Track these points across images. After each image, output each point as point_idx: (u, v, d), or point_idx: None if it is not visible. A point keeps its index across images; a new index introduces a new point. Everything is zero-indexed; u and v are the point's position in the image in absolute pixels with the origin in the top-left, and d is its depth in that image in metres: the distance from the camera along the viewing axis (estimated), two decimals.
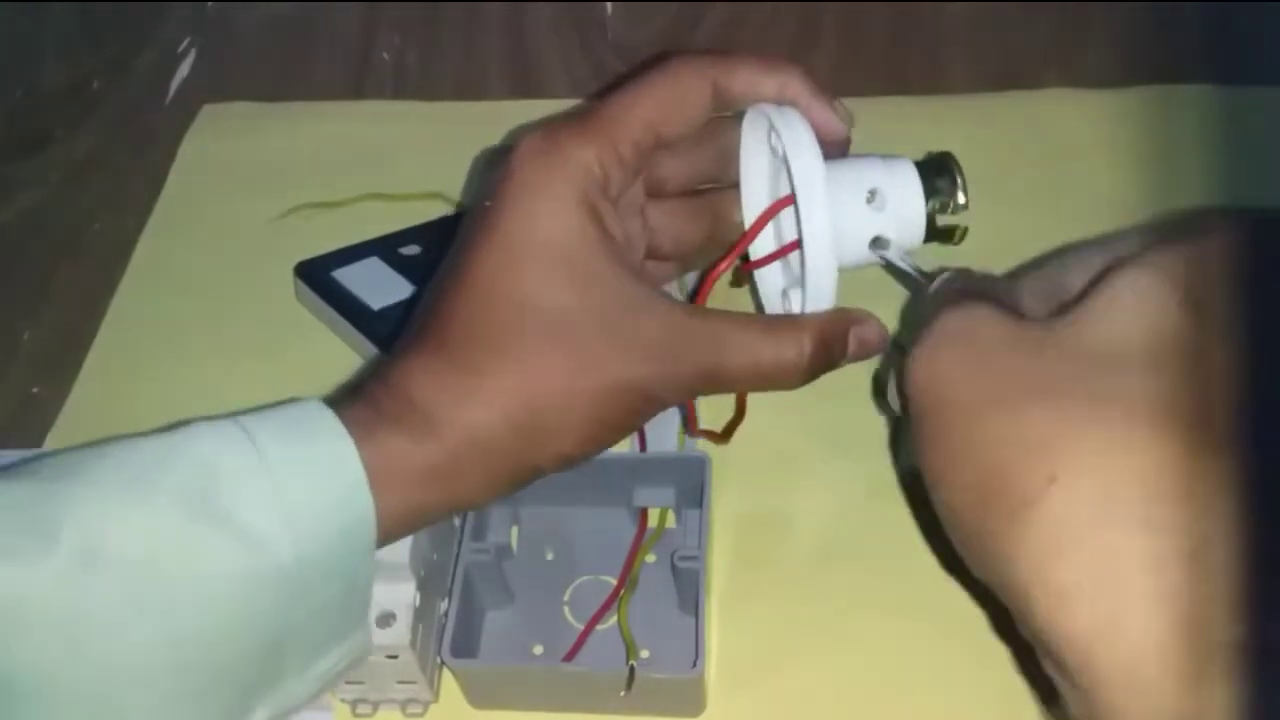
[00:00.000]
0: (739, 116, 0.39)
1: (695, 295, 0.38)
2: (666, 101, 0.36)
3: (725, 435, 0.41)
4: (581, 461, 0.35)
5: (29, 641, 0.28)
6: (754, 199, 0.40)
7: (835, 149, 0.38)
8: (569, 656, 0.40)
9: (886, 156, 0.39)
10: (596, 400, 0.33)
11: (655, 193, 0.39)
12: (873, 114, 0.59)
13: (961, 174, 0.39)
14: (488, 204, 0.34)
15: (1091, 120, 0.57)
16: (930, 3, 0.65)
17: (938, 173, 0.38)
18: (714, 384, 0.35)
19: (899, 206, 0.38)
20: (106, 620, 0.28)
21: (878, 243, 0.38)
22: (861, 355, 0.37)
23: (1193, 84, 0.58)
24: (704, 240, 0.40)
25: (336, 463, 0.31)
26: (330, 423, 0.31)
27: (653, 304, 0.34)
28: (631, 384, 0.33)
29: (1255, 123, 0.56)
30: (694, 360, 0.34)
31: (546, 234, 0.33)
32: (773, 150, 0.39)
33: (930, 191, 0.38)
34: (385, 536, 0.32)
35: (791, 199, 0.36)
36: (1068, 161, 0.55)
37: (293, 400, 0.32)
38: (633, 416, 0.35)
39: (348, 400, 0.33)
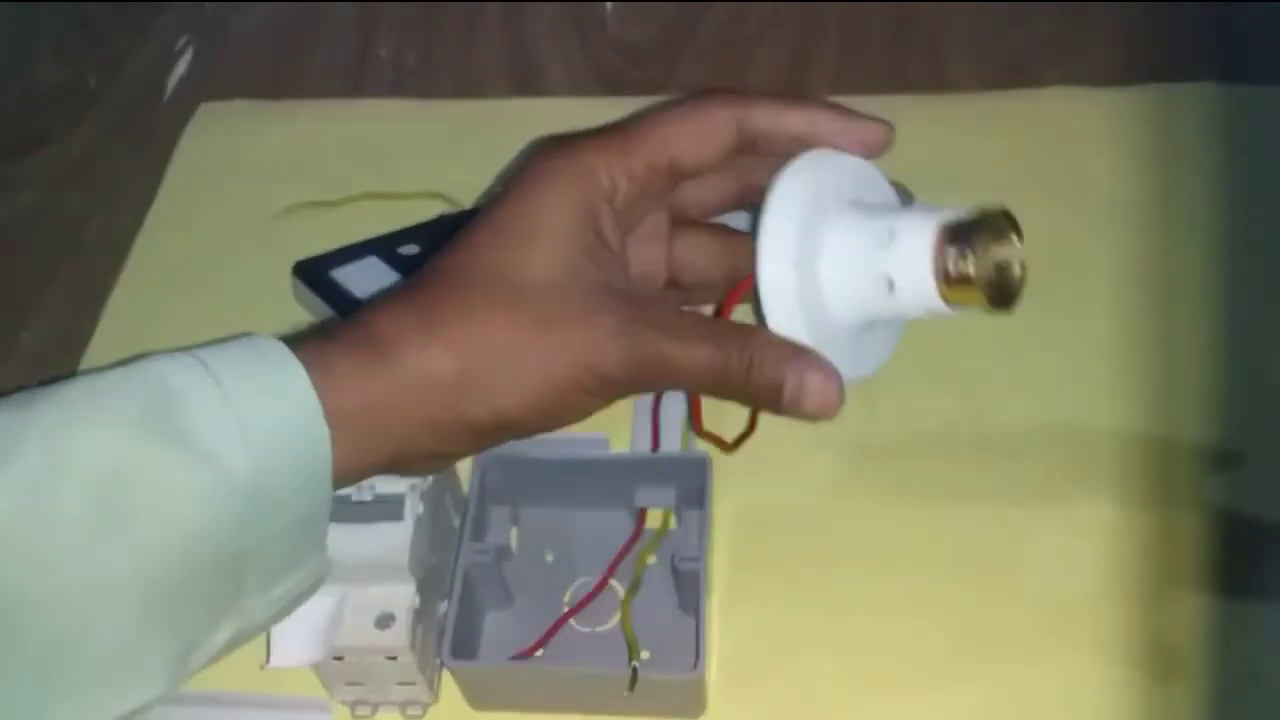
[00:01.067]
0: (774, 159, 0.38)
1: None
2: (688, 127, 0.37)
3: (733, 446, 0.41)
4: (522, 432, 0.36)
5: (11, 544, 0.28)
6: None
7: (879, 152, 0.38)
8: (533, 649, 0.40)
9: (932, 208, 0.36)
10: (545, 362, 0.34)
11: (676, 217, 0.40)
12: (873, 112, 0.59)
13: (1001, 233, 0.36)
14: (499, 190, 0.36)
15: (1092, 119, 0.57)
16: (930, 2, 0.65)
17: (973, 227, 0.35)
18: (663, 374, 0.36)
19: (907, 256, 0.35)
20: (71, 531, 0.29)
21: (891, 287, 0.36)
22: (802, 403, 0.36)
23: (1193, 83, 0.58)
24: (723, 280, 0.40)
25: (288, 384, 0.32)
26: (280, 351, 0.33)
27: (619, 293, 0.36)
28: (582, 356, 0.34)
29: (1255, 122, 0.56)
30: (646, 345, 0.35)
31: (537, 220, 0.35)
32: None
33: (957, 240, 0.35)
34: (338, 472, 0.33)
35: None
36: (1068, 160, 0.55)
37: (247, 334, 0.33)
38: (582, 393, 0.35)
39: (306, 334, 0.34)
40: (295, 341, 0.33)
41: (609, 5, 0.67)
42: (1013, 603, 0.42)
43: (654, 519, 0.43)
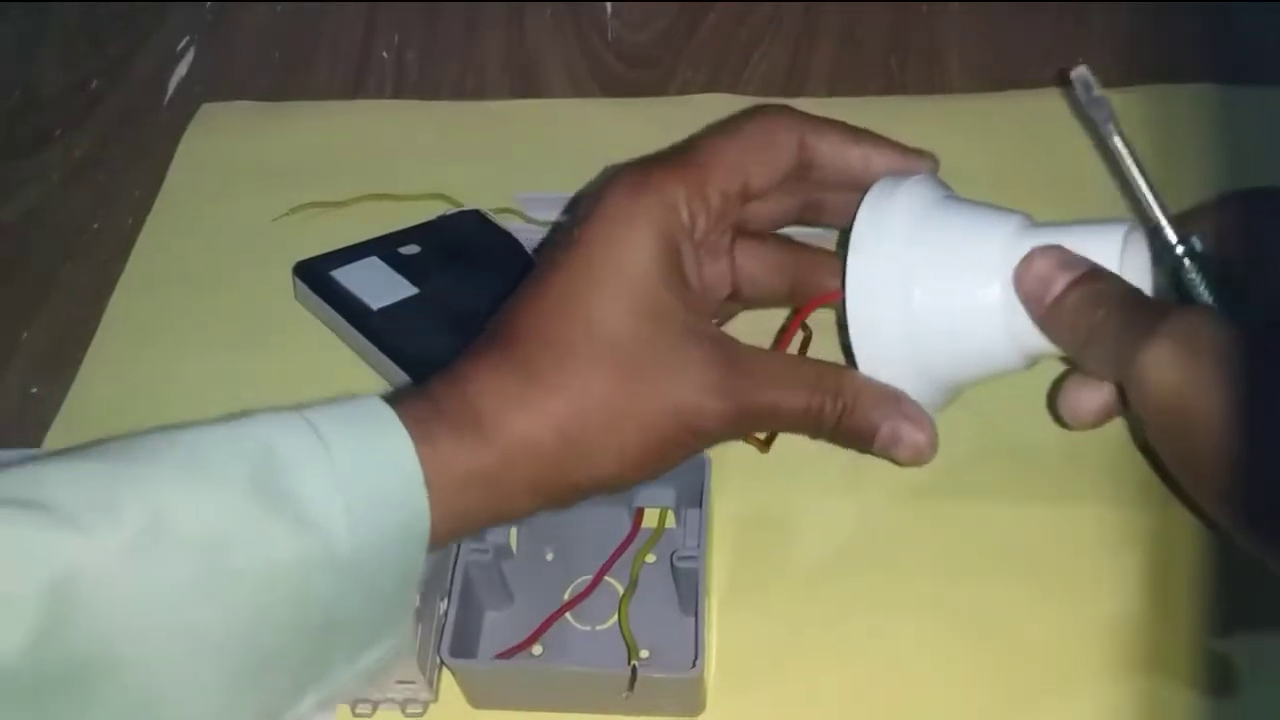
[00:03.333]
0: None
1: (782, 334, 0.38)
2: (757, 153, 0.37)
3: (767, 444, 0.42)
4: (621, 489, 0.36)
5: (90, 614, 0.27)
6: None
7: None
8: (530, 641, 0.40)
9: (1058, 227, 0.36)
10: (642, 426, 0.34)
11: (737, 229, 0.40)
12: (872, 114, 0.58)
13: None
14: (576, 230, 0.35)
15: (1091, 120, 0.57)
16: (930, 3, 0.65)
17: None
18: (760, 422, 0.37)
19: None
20: (167, 597, 0.28)
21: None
22: (893, 451, 0.38)
23: (1192, 84, 0.58)
24: (785, 290, 0.41)
25: (395, 457, 0.31)
26: (389, 418, 0.32)
27: (713, 343, 0.36)
28: (679, 414, 0.35)
29: (1254, 123, 0.56)
30: (744, 400, 0.35)
31: (622, 262, 0.35)
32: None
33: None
34: (434, 538, 0.33)
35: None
36: (1067, 161, 0.55)
37: (353, 396, 0.33)
38: (677, 448, 0.36)
39: (408, 397, 0.34)
40: (396, 403, 0.33)
41: (609, 7, 0.67)
42: (1013, 602, 0.42)
43: (652, 518, 0.43)
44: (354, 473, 0.31)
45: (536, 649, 0.41)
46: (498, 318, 0.36)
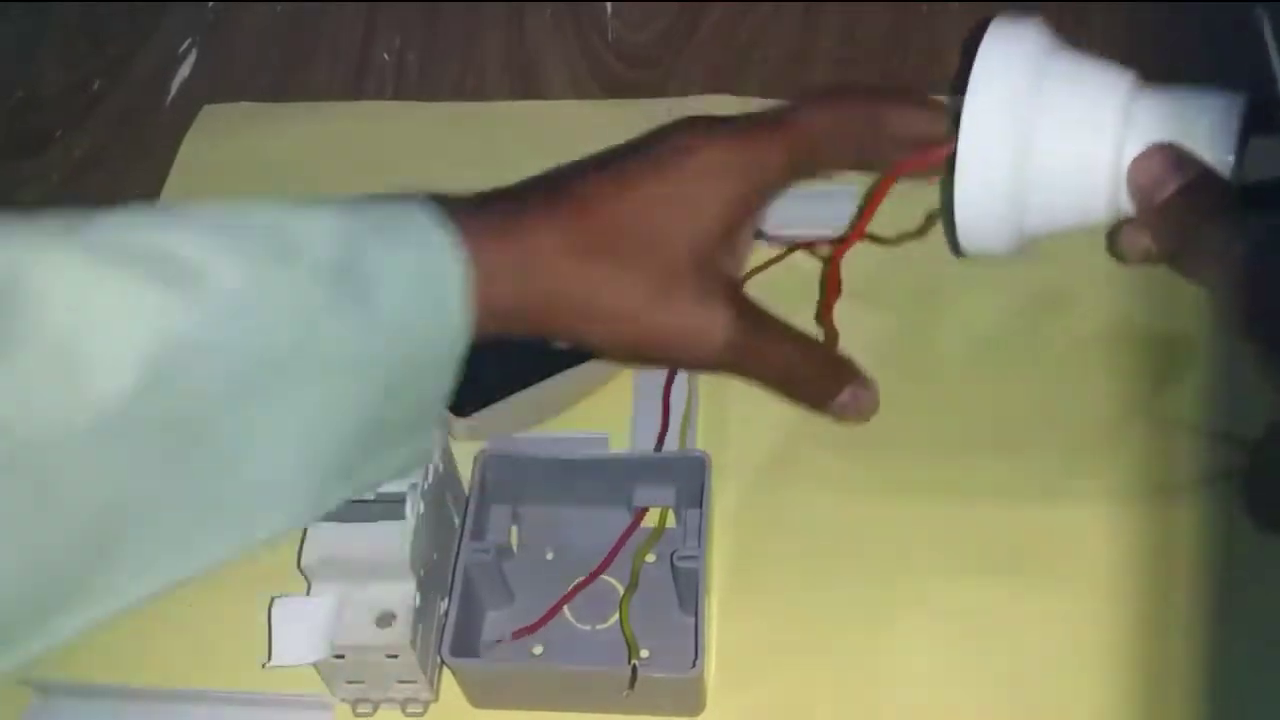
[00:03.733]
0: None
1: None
2: (832, 128, 0.39)
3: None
4: (592, 350, 0.37)
5: (187, 372, 0.28)
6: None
7: None
8: (528, 630, 0.41)
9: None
10: (655, 328, 0.36)
11: None
12: None
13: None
14: (674, 154, 0.37)
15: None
16: (930, 2, 0.65)
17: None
18: (743, 365, 0.38)
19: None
20: (255, 364, 0.29)
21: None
22: (847, 409, 0.39)
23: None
24: (850, 161, 0.41)
25: (450, 271, 0.33)
26: (442, 224, 0.33)
27: (733, 286, 0.38)
28: (691, 340, 0.37)
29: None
30: (744, 352, 0.38)
31: (704, 204, 0.37)
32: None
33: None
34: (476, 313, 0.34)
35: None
36: None
37: (408, 201, 0.34)
38: (669, 360, 0.39)
39: (470, 220, 0.34)
40: (456, 220, 0.34)
41: (609, 7, 0.67)
42: (1012, 601, 0.42)
43: (652, 518, 0.43)
44: (416, 284, 0.32)
45: (537, 648, 0.42)
46: (570, 185, 0.37)
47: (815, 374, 0.39)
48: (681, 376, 0.46)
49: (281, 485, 0.31)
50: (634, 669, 0.37)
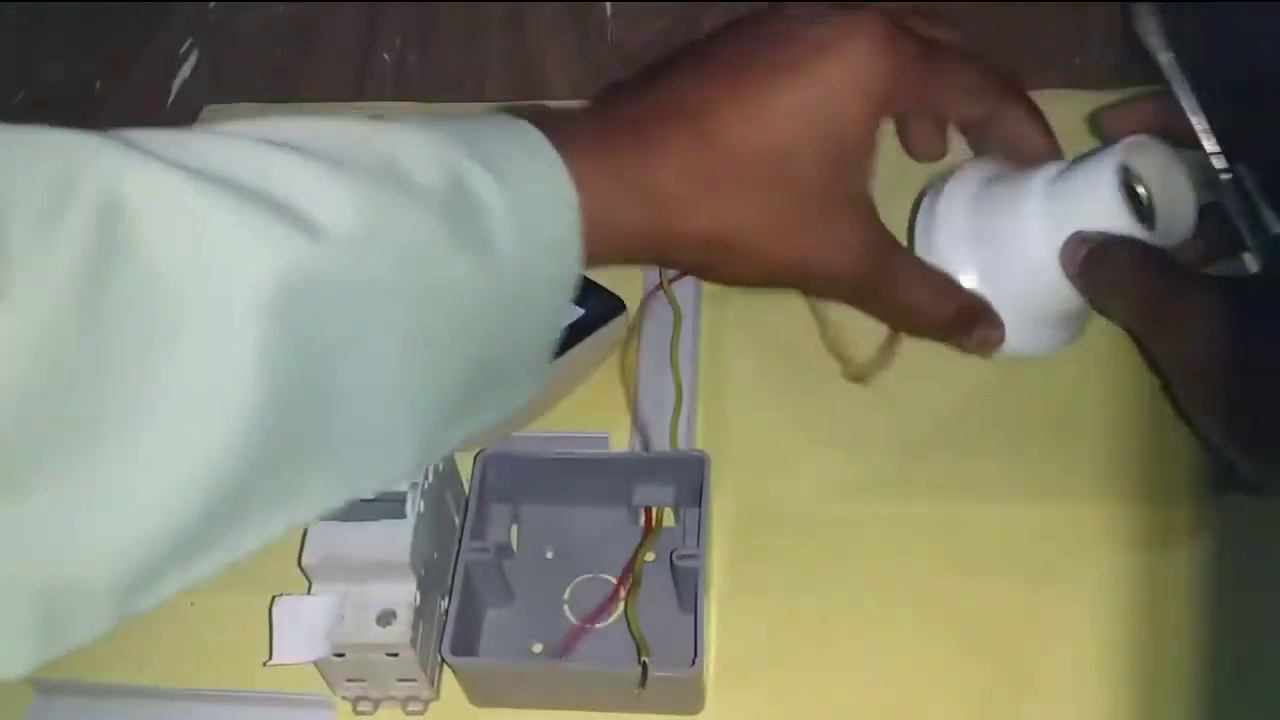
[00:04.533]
0: None
1: None
2: (971, 96, 0.39)
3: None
4: (717, 280, 0.36)
5: (306, 311, 0.26)
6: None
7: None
8: (565, 647, 0.41)
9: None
10: (790, 248, 0.35)
11: None
12: None
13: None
14: (819, 30, 0.34)
15: (1090, 121, 0.57)
16: (929, 3, 0.65)
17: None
18: (873, 299, 0.38)
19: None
20: (374, 302, 0.28)
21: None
22: (974, 347, 0.40)
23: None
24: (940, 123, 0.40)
25: (564, 204, 0.31)
26: (562, 172, 0.31)
27: (870, 214, 0.36)
28: (823, 264, 0.36)
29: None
30: (869, 273, 0.37)
31: (843, 116, 0.34)
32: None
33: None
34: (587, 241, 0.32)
35: None
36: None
37: (517, 123, 0.32)
38: (803, 285, 0.37)
39: (576, 139, 0.32)
40: (561, 144, 0.32)
41: (609, 6, 0.67)
42: (1011, 602, 0.42)
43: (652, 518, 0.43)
44: (528, 218, 0.30)
45: (537, 647, 0.42)
46: (687, 103, 0.34)
47: (948, 314, 0.39)
48: (683, 362, 0.47)
49: (396, 430, 0.29)
50: (644, 666, 0.37)
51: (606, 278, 0.50)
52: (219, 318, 0.25)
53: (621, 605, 0.41)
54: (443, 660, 0.40)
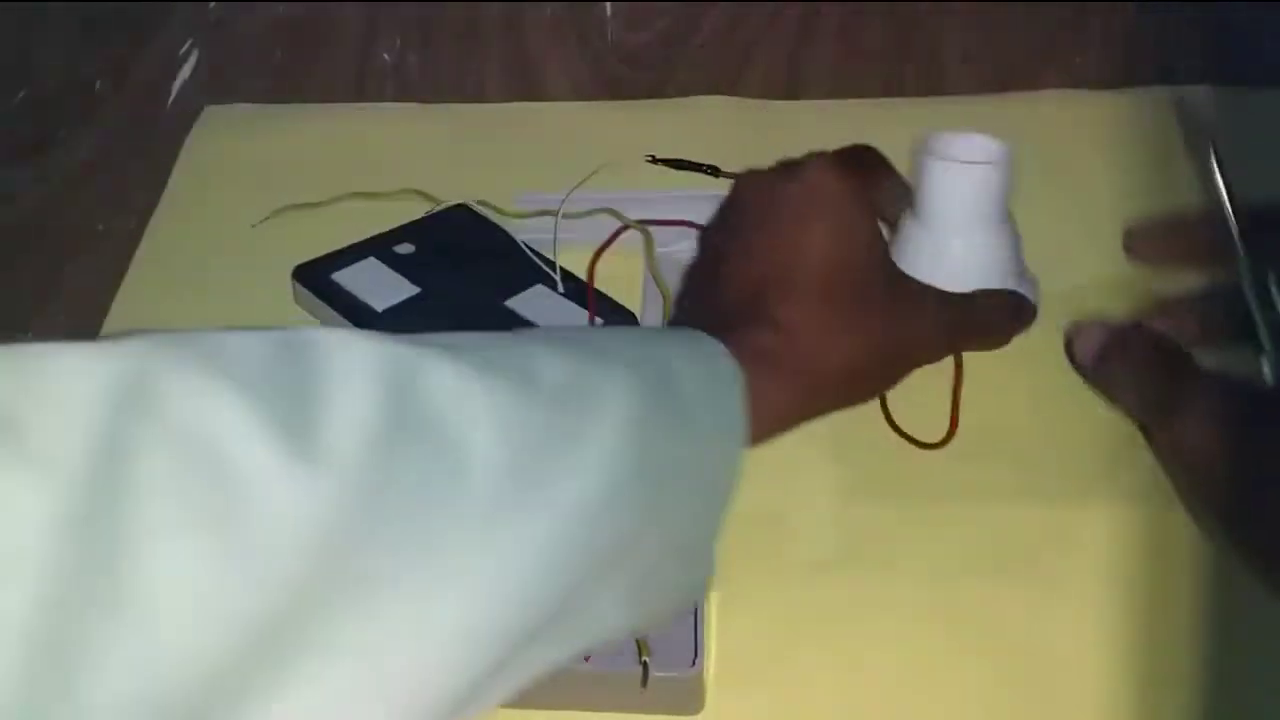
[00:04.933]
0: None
1: None
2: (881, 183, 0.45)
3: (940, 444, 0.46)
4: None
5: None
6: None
7: None
8: None
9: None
10: (895, 357, 0.42)
11: None
12: (871, 115, 0.59)
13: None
14: (808, 208, 0.40)
15: (1090, 122, 0.57)
16: (929, 3, 0.65)
17: None
18: (961, 339, 0.45)
19: None
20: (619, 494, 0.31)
21: None
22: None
23: (1189, 86, 0.58)
24: None
25: (737, 392, 0.36)
26: (741, 386, 0.36)
27: (922, 289, 0.44)
28: (918, 345, 0.43)
29: (1254, 125, 0.56)
30: (958, 341, 0.45)
31: (862, 237, 0.41)
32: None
33: None
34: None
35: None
36: (1066, 163, 0.56)
37: (681, 329, 0.37)
38: (904, 374, 0.43)
39: (741, 351, 0.37)
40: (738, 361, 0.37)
41: (609, 8, 0.67)
42: (1011, 602, 0.42)
43: None
44: (715, 406, 0.35)
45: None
46: (772, 322, 0.39)
47: (1006, 321, 0.45)
48: None
49: (616, 604, 0.32)
50: (645, 666, 0.38)
51: (615, 291, 0.50)
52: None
53: None
54: None
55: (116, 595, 0.23)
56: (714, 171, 0.56)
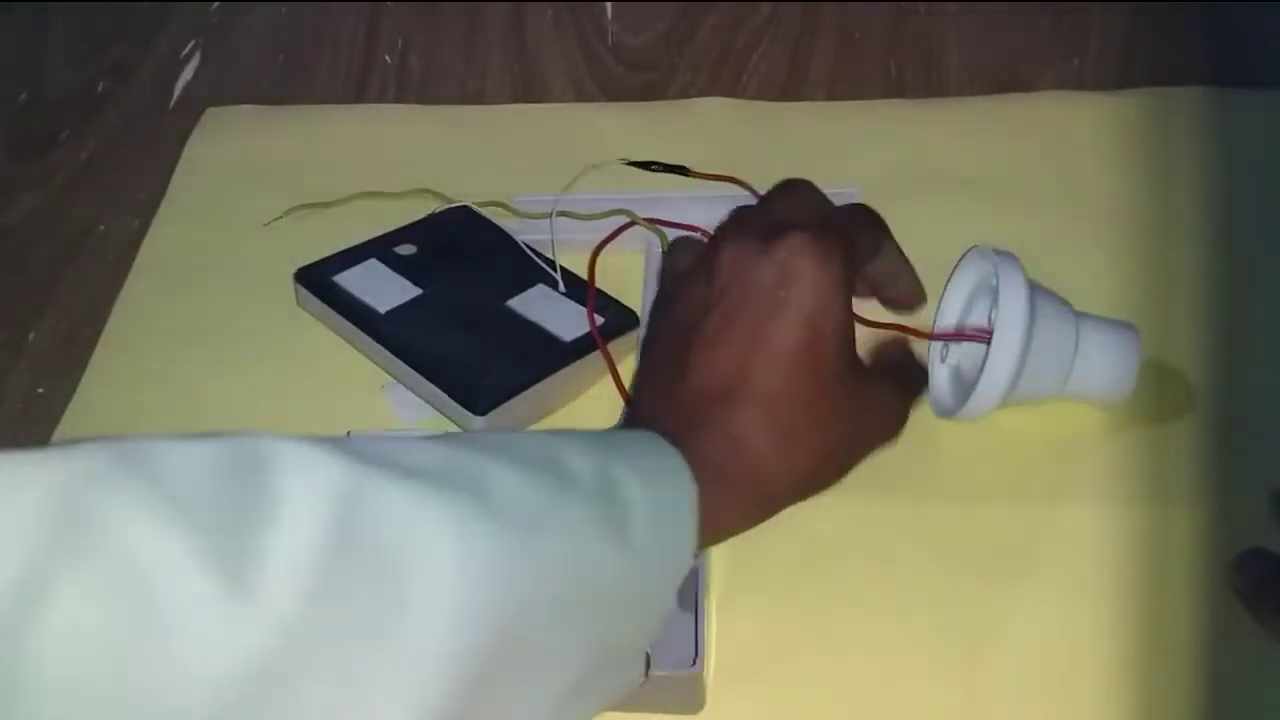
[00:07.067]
0: None
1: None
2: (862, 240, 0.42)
3: None
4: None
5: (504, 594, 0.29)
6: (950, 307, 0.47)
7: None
8: None
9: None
10: (859, 448, 0.40)
11: None
12: (871, 116, 0.59)
13: None
14: (781, 293, 0.38)
15: (1089, 123, 0.57)
16: (929, 4, 0.65)
17: None
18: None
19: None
20: (548, 596, 0.31)
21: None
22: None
23: (1187, 87, 0.58)
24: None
25: (689, 515, 0.35)
26: (691, 486, 0.35)
27: (885, 373, 0.43)
28: (884, 430, 0.42)
29: (1249, 126, 0.56)
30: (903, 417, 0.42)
31: (831, 327, 0.38)
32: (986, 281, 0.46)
33: None
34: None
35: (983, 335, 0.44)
36: (1063, 165, 0.56)
37: (647, 437, 0.36)
38: (868, 454, 0.41)
39: (689, 452, 0.36)
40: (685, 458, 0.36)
41: (609, 8, 0.67)
42: (1011, 602, 0.42)
43: None
44: (662, 510, 0.34)
45: None
46: (734, 433, 0.37)
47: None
48: None
49: (534, 714, 0.31)
50: (647, 658, 0.38)
51: (616, 290, 0.50)
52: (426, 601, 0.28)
53: None
54: None
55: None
56: (683, 171, 0.56)
